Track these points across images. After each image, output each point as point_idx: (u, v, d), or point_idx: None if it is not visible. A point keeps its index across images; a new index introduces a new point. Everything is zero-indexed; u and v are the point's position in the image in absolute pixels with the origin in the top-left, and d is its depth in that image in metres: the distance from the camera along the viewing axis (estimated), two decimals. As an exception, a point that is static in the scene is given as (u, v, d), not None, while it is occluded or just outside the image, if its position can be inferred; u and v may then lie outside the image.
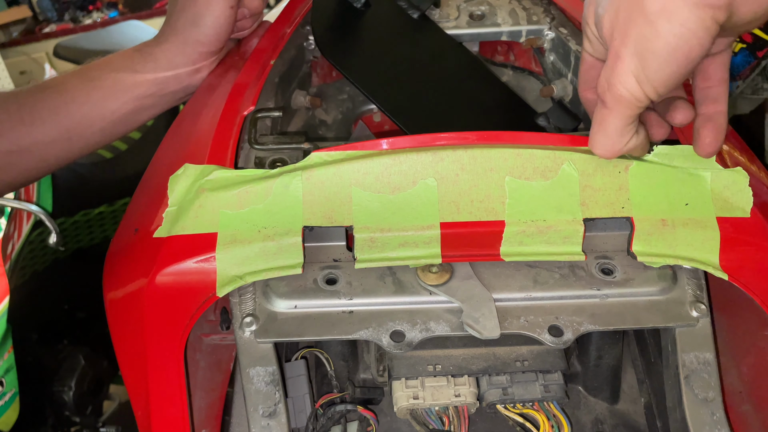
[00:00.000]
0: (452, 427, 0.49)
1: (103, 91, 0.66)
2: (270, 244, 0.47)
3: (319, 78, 0.79)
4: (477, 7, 0.75)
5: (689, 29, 0.37)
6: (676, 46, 0.37)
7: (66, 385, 1.12)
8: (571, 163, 0.48)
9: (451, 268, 0.49)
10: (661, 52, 0.38)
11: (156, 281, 0.47)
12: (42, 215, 1.01)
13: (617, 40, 0.40)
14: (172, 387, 0.47)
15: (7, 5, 3.75)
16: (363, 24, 0.70)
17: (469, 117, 0.65)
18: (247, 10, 0.71)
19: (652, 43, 0.38)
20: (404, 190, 0.48)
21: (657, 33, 0.37)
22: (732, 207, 0.48)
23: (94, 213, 1.24)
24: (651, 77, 0.39)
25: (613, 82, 0.41)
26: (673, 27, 0.37)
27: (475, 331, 0.45)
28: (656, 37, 0.38)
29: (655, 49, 0.38)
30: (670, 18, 0.37)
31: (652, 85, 0.40)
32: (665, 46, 0.38)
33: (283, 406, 0.46)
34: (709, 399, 0.45)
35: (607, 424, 0.54)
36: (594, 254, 0.50)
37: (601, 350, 0.53)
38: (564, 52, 0.69)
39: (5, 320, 0.88)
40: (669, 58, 0.38)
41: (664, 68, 0.39)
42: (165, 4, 3.52)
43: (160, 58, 0.67)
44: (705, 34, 0.37)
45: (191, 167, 0.51)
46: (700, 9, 0.36)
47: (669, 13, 0.37)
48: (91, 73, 0.67)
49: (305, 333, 0.46)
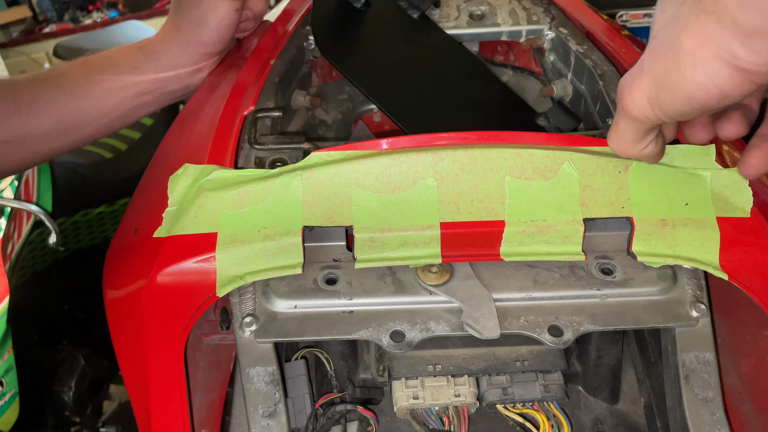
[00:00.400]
0: (452, 427, 0.49)
1: (103, 86, 0.65)
2: (270, 244, 0.47)
3: (319, 78, 0.79)
4: (477, 7, 0.75)
5: (714, 83, 0.34)
6: (694, 92, 0.35)
7: (66, 385, 1.12)
8: (571, 163, 0.48)
9: (451, 268, 0.49)
10: (677, 92, 0.36)
11: (156, 281, 0.47)
12: (42, 215, 1.01)
13: (648, 54, 0.37)
14: (172, 387, 0.47)
15: (7, 5, 3.75)
16: (363, 24, 0.70)
17: (469, 117, 0.65)
18: (250, 12, 0.71)
19: (671, 79, 0.35)
20: (404, 190, 0.48)
21: (680, 72, 0.35)
22: (732, 207, 0.48)
23: (94, 213, 1.24)
24: (662, 108, 0.37)
25: (626, 93, 0.39)
26: (696, 74, 0.34)
27: (475, 331, 0.45)
28: (677, 76, 0.35)
29: (673, 86, 0.35)
30: (697, 65, 0.34)
31: (664, 113, 0.37)
32: (682, 88, 0.35)
33: (283, 406, 0.46)
34: (709, 399, 0.45)
35: (607, 424, 0.54)
36: (594, 254, 0.50)
37: (601, 350, 0.53)
38: (564, 52, 0.69)
39: (5, 320, 0.88)
40: (683, 100, 0.36)
41: (677, 106, 0.36)
42: (165, 4, 3.52)
43: (162, 57, 0.67)
44: (734, 92, 0.34)
45: (191, 167, 0.51)
46: (732, 69, 0.33)
47: (698, 59, 0.34)
48: (92, 68, 0.66)
49: (305, 333, 0.46)
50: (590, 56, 0.64)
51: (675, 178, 0.48)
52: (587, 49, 0.66)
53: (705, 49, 0.33)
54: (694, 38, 0.34)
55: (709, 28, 0.33)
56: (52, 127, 0.64)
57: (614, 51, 0.65)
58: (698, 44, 0.33)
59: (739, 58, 0.32)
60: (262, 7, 0.72)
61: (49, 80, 0.64)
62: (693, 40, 0.34)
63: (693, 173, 0.48)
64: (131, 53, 0.67)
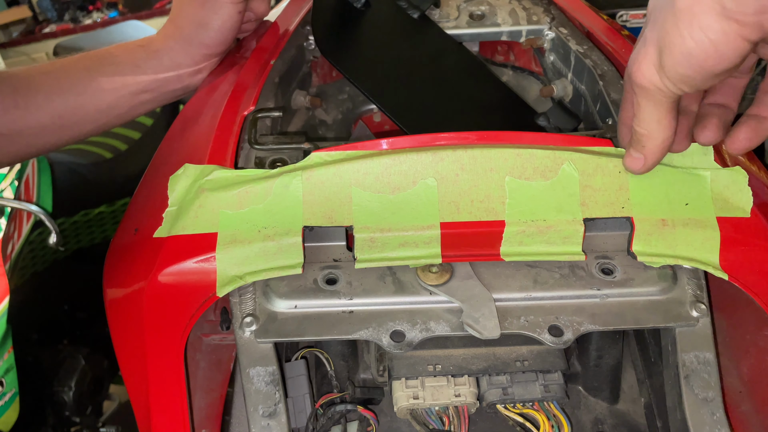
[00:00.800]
0: (452, 427, 0.49)
1: (102, 83, 0.65)
2: (270, 244, 0.47)
3: (319, 78, 0.79)
4: (477, 7, 0.75)
5: (709, 39, 0.35)
6: (692, 51, 0.36)
7: (66, 385, 1.12)
8: (571, 163, 0.48)
9: (451, 268, 0.49)
10: (677, 53, 0.36)
11: (156, 281, 0.47)
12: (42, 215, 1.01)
13: (649, 25, 0.38)
14: (172, 387, 0.47)
15: (7, 5, 3.76)
16: (363, 24, 0.70)
17: (469, 117, 0.65)
18: (252, 14, 0.71)
19: (670, 39, 0.36)
20: (404, 190, 0.48)
21: (678, 32, 0.36)
22: (732, 207, 0.48)
23: (94, 213, 1.24)
24: (668, 73, 0.38)
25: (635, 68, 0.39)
26: (693, 31, 0.35)
27: (475, 331, 0.45)
28: (676, 35, 0.36)
29: (673, 47, 0.36)
30: (693, 20, 0.35)
31: (671, 80, 0.38)
32: (681, 48, 0.36)
33: (283, 406, 0.46)
34: (709, 399, 0.45)
35: (607, 424, 0.54)
36: (594, 254, 0.50)
37: (601, 350, 0.53)
38: (564, 52, 0.69)
39: (5, 320, 0.88)
40: (683, 60, 0.36)
41: (679, 69, 0.37)
42: (165, 4, 3.52)
43: (163, 56, 0.67)
44: (728, 49, 0.35)
45: (191, 167, 0.51)
46: (725, 21, 0.34)
47: (693, 15, 0.35)
48: (92, 64, 0.66)
49: (305, 333, 0.46)
50: (590, 56, 0.64)
51: (675, 178, 0.48)
52: (587, 49, 0.66)
53: (698, 3, 0.35)
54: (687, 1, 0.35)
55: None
56: (49, 121, 0.63)
57: (614, 51, 0.65)
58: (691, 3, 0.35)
59: (729, 9, 0.34)
60: (265, 9, 0.72)
61: (49, 74, 0.64)
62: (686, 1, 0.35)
63: (693, 173, 0.48)
64: (132, 51, 0.67)
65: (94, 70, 0.65)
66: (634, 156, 0.45)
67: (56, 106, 0.63)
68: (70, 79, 0.64)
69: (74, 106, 0.64)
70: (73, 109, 0.64)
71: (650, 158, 0.44)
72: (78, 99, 0.64)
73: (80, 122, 0.66)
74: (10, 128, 0.61)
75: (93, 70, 0.65)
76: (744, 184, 0.48)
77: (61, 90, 0.64)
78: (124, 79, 0.66)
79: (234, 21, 0.66)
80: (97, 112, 0.66)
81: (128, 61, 0.66)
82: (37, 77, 0.63)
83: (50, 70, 0.65)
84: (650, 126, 0.42)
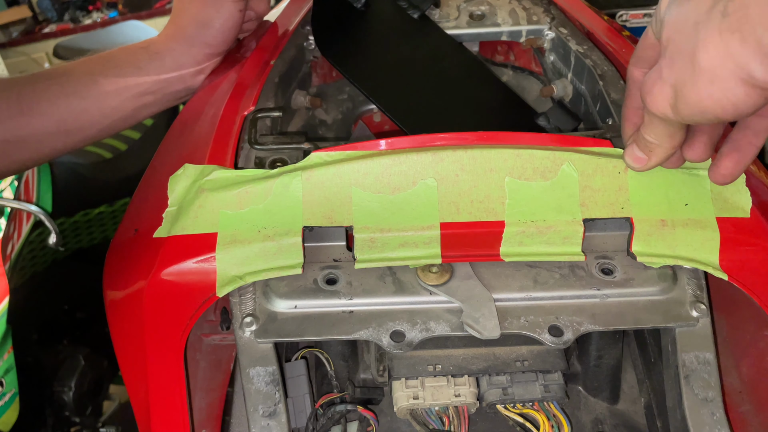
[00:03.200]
0: (452, 427, 0.49)
1: (106, 86, 0.65)
2: (270, 244, 0.47)
3: (319, 78, 0.79)
4: (477, 7, 0.75)
5: (729, 100, 0.34)
6: (708, 107, 0.35)
7: (66, 385, 1.12)
8: (570, 164, 0.48)
9: (451, 268, 0.49)
10: (693, 105, 0.36)
11: (156, 281, 0.47)
12: (42, 215, 1.01)
13: (666, 59, 0.37)
14: (172, 387, 0.47)
15: (7, 5, 3.75)
16: (363, 24, 0.70)
17: (469, 117, 0.65)
18: (252, 13, 0.71)
19: (688, 92, 0.36)
20: (404, 191, 0.48)
21: (696, 87, 0.35)
22: (732, 207, 0.48)
23: (94, 213, 1.24)
24: (681, 115, 0.38)
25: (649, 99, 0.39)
26: (713, 92, 0.35)
27: (475, 331, 0.45)
28: (694, 91, 0.35)
29: (689, 99, 0.36)
30: (714, 82, 0.34)
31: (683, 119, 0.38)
32: (698, 102, 0.36)
33: (283, 406, 0.46)
34: (709, 399, 0.45)
35: (607, 424, 0.54)
36: (594, 254, 0.50)
37: (601, 350, 0.53)
38: (564, 52, 0.69)
39: (5, 320, 0.88)
40: (699, 113, 0.36)
41: (694, 117, 0.37)
42: (165, 4, 3.52)
43: (165, 57, 0.67)
44: (747, 107, 0.35)
45: (191, 167, 0.51)
46: (748, 87, 0.33)
47: (715, 77, 0.34)
48: (94, 67, 0.66)
49: (305, 333, 0.46)
50: (590, 56, 0.64)
51: (675, 178, 0.48)
52: (587, 49, 0.66)
53: (723, 67, 0.34)
54: (713, 55, 0.34)
55: (730, 46, 0.33)
56: (54, 127, 0.64)
57: (614, 51, 0.65)
58: (717, 62, 0.34)
59: (756, 78, 0.33)
60: (265, 8, 0.72)
61: (52, 80, 0.64)
62: (712, 57, 0.34)
63: (692, 173, 0.48)
64: (134, 53, 0.67)
65: (97, 73, 0.65)
66: (637, 155, 0.45)
67: (61, 111, 0.63)
68: (74, 84, 0.64)
69: (78, 110, 0.64)
70: (77, 114, 0.64)
71: (654, 161, 0.44)
72: (82, 103, 0.64)
73: (85, 127, 0.66)
74: (16, 135, 0.62)
75: (96, 73, 0.65)
76: (743, 184, 0.48)
77: (65, 95, 0.64)
78: (126, 81, 0.66)
79: (235, 20, 0.66)
80: (102, 116, 0.66)
81: (130, 63, 0.66)
82: (41, 83, 0.64)
83: (53, 75, 0.65)
84: (661, 138, 0.42)
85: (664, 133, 0.42)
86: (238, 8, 0.65)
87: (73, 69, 0.65)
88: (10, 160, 0.63)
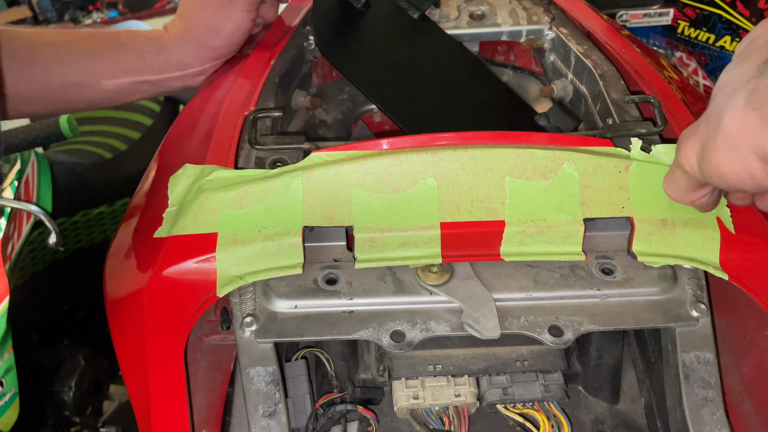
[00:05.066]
0: (452, 427, 0.49)
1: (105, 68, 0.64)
2: (270, 244, 0.47)
3: (319, 78, 0.79)
4: (477, 7, 0.75)
5: (746, 171, 0.35)
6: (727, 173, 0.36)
7: (66, 385, 1.12)
8: (571, 163, 0.48)
9: (451, 268, 0.49)
10: (713, 167, 0.37)
11: (156, 281, 0.47)
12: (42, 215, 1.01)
13: (704, 116, 0.38)
14: (172, 387, 0.47)
15: (7, 5, 3.75)
16: (363, 24, 0.70)
17: (469, 117, 0.65)
18: (261, 19, 0.71)
19: (711, 151, 0.36)
20: (404, 190, 0.48)
21: (717, 150, 0.36)
22: None
23: (94, 213, 1.24)
24: (704, 173, 0.38)
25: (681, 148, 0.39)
26: (731, 159, 0.35)
27: (475, 331, 0.45)
28: (715, 152, 0.36)
29: (710, 158, 0.37)
30: (733, 151, 0.35)
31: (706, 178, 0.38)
32: (717, 166, 0.36)
33: (283, 406, 0.46)
34: (710, 399, 0.45)
35: (607, 424, 0.54)
36: (594, 254, 0.50)
37: (601, 350, 0.53)
38: (564, 52, 0.69)
39: (5, 320, 0.88)
40: (716, 175, 0.37)
41: (713, 178, 0.37)
42: (165, 4, 3.52)
43: (171, 55, 0.66)
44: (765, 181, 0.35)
45: (191, 167, 0.51)
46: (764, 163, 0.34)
47: (734, 146, 0.35)
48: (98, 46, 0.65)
49: (305, 333, 0.46)
50: (590, 56, 0.64)
51: (675, 178, 0.48)
52: (587, 49, 0.66)
53: (742, 138, 0.34)
54: (735, 124, 0.35)
55: (751, 121, 0.34)
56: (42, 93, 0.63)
57: (614, 51, 0.65)
58: (737, 131, 0.34)
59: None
60: (274, 14, 0.72)
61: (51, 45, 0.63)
62: (734, 125, 0.35)
63: (693, 173, 0.48)
64: (141, 42, 0.66)
65: (99, 52, 0.64)
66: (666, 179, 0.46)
67: (52, 79, 0.62)
68: (73, 57, 0.63)
69: (71, 83, 0.64)
70: (69, 86, 0.64)
71: None
72: (76, 78, 0.64)
73: (74, 100, 0.65)
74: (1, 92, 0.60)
75: (98, 52, 0.64)
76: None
77: (61, 65, 0.63)
78: (127, 67, 0.65)
79: (246, 27, 0.66)
80: (94, 93, 0.65)
81: (135, 51, 0.66)
82: (38, 47, 0.62)
83: (54, 41, 0.63)
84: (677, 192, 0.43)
85: (682, 186, 0.42)
86: (249, 17, 0.66)
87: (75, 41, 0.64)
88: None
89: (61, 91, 0.64)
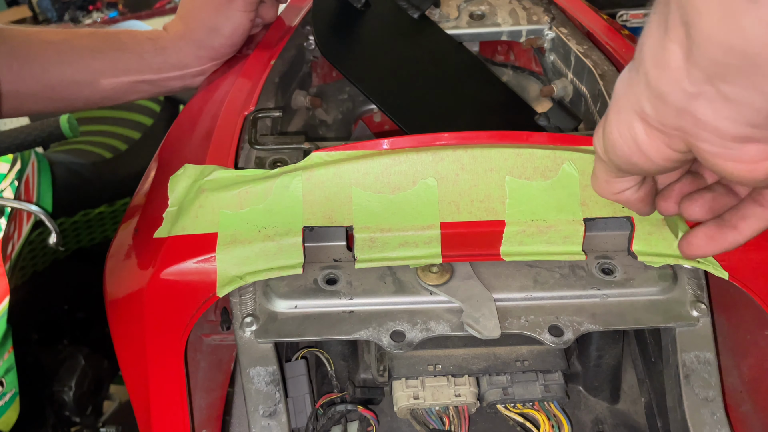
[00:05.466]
0: (452, 427, 0.49)
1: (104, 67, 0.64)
2: (270, 244, 0.47)
3: (319, 78, 0.79)
4: (477, 7, 0.75)
5: (631, 136, 0.33)
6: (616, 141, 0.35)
7: (66, 385, 1.12)
8: (571, 163, 0.48)
9: (451, 268, 0.49)
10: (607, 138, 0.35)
11: (156, 281, 0.47)
12: (42, 215, 1.01)
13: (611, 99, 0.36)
14: (173, 387, 0.47)
15: (7, 5, 3.75)
16: (363, 24, 0.70)
17: (469, 117, 0.65)
18: (260, 20, 0.71)
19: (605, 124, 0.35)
20: (404, 190, 0.48)
21: (608, 120, 0.35)
22: None
23: (94, 213, 1.24)
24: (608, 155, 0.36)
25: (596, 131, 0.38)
26: (619, 124, 0.34)
27: (475, 331, 0.45)
28: (607, 123, 0.35)
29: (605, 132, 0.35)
30: (618, 115, 0.34)
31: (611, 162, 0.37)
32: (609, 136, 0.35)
33: (283, 406, 0.46)
34: (710, 399, 0.45)
35: (607, 424, 0.54)
36: (594, 254, 0.50)
37: (602, 350, 0.53)
38: (564, 52, 0.69)
39: (5, 320, 0.88)
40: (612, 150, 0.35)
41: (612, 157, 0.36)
42: (165, 4, 3.52)
43: (171, 55, 0.66)
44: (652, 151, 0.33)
45: (191, 167, 0.51)
46: (645, 125, 0.32)
47: (620, 108, 0.34)
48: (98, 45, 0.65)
49: (305, 333, 0.46)
50: (590, 56, 0.64)
51: (675, 177, 0.48)
52: (587, 48, 0.66)
53: (624, 100, 0.33)
54: (620, 86, 0.34)
55: (631, 79, 0.32)
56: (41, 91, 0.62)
57: (614, 51, 0.65)
58: (621, 94, 0.33)
59: (648, 115, 0.32)
60: (273, 14, 0.72)
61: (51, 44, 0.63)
62: (620, 88, 0.34)
63: (693, 173, 0.48)
64: (141, 42, 0.67)
65: (98, 52, 0.64)
66: None
67: (51, 78, 0.62)
68: (72, 56, 0.63)
69: (70, 82, 0.64)
70: (68, 85, 0.64)
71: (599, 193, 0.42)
72: (75, 76, 0.64)
73: (73, 98, 0.65)
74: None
75: (97, 52, 0.64)
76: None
77: (60, 64, 0.63)
78: (126, 67, 0.65)
79: (245, 28, 0.66)
80: (92, 92, 0.65)
81: (134, 50, 0.66)
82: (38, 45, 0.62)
83: (54, 39, 0.63)
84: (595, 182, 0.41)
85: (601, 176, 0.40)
86: (249, 18, 0.66)
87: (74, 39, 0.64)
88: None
89: (60, 90, 0.64)
